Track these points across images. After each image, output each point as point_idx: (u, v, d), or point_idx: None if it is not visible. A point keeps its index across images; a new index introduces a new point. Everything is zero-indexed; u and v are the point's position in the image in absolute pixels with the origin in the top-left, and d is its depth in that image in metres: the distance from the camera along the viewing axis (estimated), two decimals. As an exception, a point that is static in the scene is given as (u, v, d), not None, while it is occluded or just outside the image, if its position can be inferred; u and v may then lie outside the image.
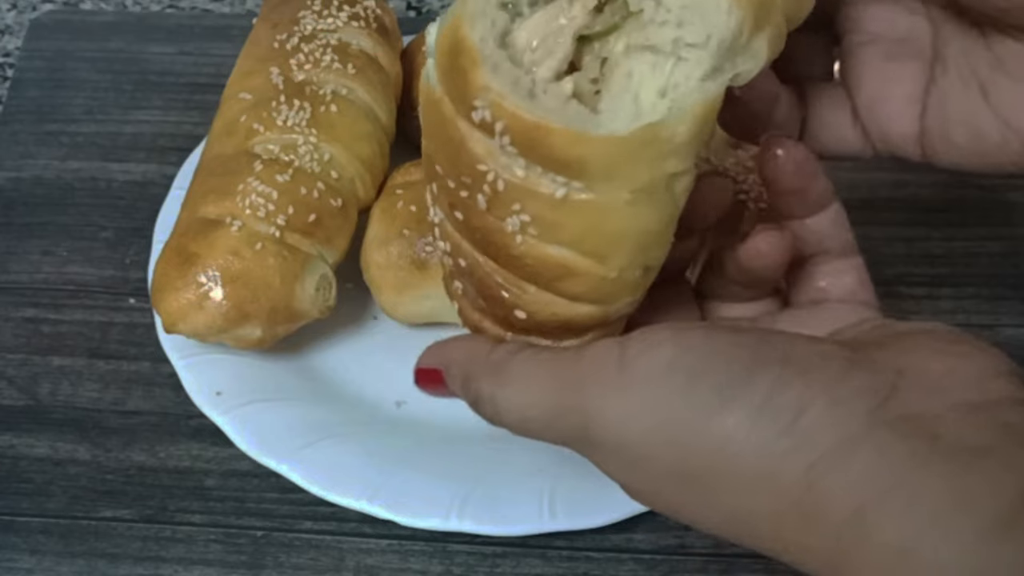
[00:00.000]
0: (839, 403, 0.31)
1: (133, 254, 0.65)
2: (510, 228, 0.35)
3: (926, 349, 0.34)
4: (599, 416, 0.33)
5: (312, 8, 0.62)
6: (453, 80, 0.34)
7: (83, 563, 0.53)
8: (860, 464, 0.30)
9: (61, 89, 0.73)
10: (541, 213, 0.34)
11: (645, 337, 0.34)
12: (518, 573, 0.53)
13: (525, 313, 0.37)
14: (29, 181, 0.69)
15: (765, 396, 0.31)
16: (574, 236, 0.34)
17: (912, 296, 0.64)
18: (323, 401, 0.57)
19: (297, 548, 0.54)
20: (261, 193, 0.55)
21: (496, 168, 0.34)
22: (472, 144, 0.34)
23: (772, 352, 0.32)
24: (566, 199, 0.33)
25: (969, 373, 0.32)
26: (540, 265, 0.35)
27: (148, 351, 0.60)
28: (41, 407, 0.59)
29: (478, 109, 0.33)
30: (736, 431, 0.31)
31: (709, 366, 0.32)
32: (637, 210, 0.34)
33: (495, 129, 0.33)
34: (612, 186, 0.33)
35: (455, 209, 0.37)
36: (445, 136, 0.35)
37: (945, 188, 0.68)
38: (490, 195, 0.35)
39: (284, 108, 0.57)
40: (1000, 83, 0.41)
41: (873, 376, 0.32)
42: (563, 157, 0.33)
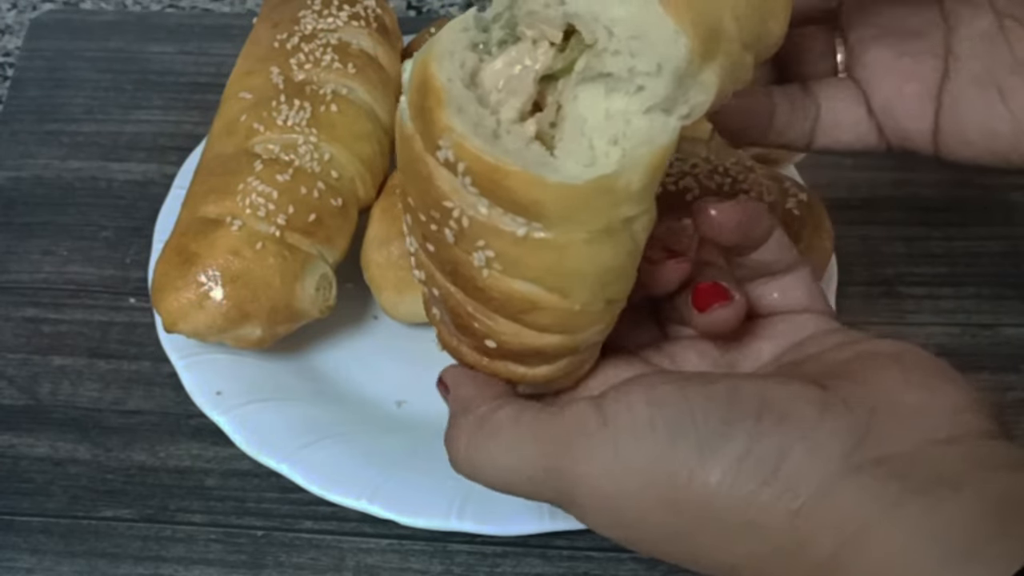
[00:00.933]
0: (816, 449, 0.32)
1: (133, 254, 0.65)
2: (476, 263, 0.36)
3: (897, 382, 0.34)
4: (585, 477, 0.34)
5: (312, 8, 0.62)
6: (422, 118, 0.35)
7: (83, 563, 0.53)
8: (837, 507, 0.31)
9: (61, 88, 0.73)
10: (504, 250, 0.35)
11: (619, 397, 0.35)
12: (518, 573, 0.53)
13: (496, 343, 0.38)
14: (29, 181, 0.69)
15: (744, 448, 0.32)
16: (536, 272, 0.35)
17: (912, 296, 0.64)
18: (323, 401, 0.57)
19: (297, 548, 0.54)
20: (261, 193, 0.55)
21: (461, 205, 0.35)
22: (439, 181, 0.35)
23: (746, 403, 0.33)
24: (526, 238, 0.34)
25: (940, 407, 0.33)
26: (506, 298, 0.36)
27: (148, 351, 0.60)
28: (41, 407, 0.59)
29: (442, 148, 0.34)
30: (720, 486, 0.32)
31: (687, 421, 0.33)
32: (595, 249, 0.35)
33: (458, 169, 0.34)
34: (569, 228, 0.34)
35: (427, 241, 0.38)
36: (415, 171, 0.36)
37: (946, 187, 0.68)
38: (456, 230, 0.36)
39: (284, 108, 0.57)
40: (1016, 83, 0.41)
41: (847, 418, 0.33)
42: (521, 200, 0.34)
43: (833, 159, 0.69)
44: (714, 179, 0.56)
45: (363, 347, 0.60)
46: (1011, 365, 0.61)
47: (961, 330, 0.62)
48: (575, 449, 0.34)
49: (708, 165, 0.57)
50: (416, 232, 0.38)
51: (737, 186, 0.56)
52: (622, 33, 0.34)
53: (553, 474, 0.35)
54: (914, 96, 0.43)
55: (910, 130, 0.44)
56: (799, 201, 0.57)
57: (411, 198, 0.37)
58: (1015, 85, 0.41)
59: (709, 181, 0.56)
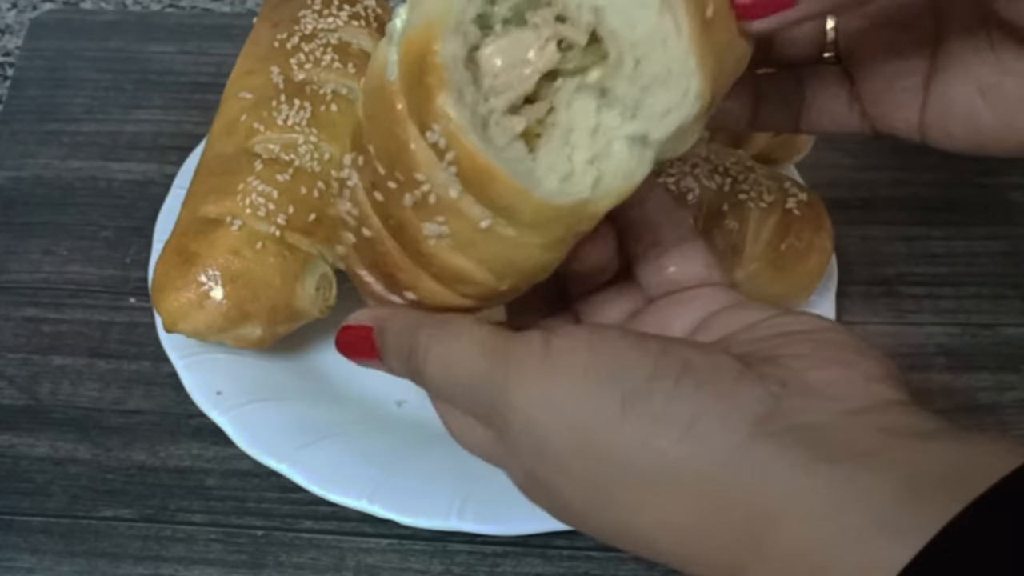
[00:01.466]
0: (728, 414, 0.33)
1: (133, 253, 0.65)
2: (427, 232, 0.36)
3: (810, 358, 0.35)
4: (518, 400, 0.35)
5: (312, 7, 0.62)
6: (416, 91, 0.35)
7: (83, 562, 0.53)
8: (748, 473, 0.32)
9: (61, 88, 0.73)
10: (462, 231, 0.36)
11: (567, 334, 0.36)
12: (519, 572, 0.53)
13: (415, 295, 0.39)
14: (29, 180, 0.69)
15: (662, 406, 0.33)
16: (484, 256, 0.36)
17: (912, 295, 0.64)
18: (323, 401, 0.57)
19: (298, 547, 0.54)
20: (262, 192, 0.55)
21: (432, 182, 0.35)
22: (418, 154, 0.35)
23: (671, 363, 0.34)
24: (489, 229, 0.35)
25: (851, 380, 0.34)
26: (444, 267, 0.37)
27: (148, 350, 0.60)
28: (41, 406, 0.59)
29: (435, 132, 0.34)
30: (634, 438, 0.33)
31: (616, 374, 0.34)
32: (544, 252, 0.37)
33: (445, 156, 0.34)
34: (532, 233, 0.35)
35: (376, 189, 0.38)
36: (389, 129, 0.36)
37: (946, 187, 0.68)
38: (418, 199, 0.36)
39: (284, 107, 0.57)
40: (1000, 83, 0.41)
41: (760, 388, 0.33)
42: (499, 201, 0.34)
43: (834, 159, 0.69)
44: (714, 179, 0.56)
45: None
46: (1011, 365, 0.61)
47: (961, 330, 0.62)
48: (514, 371, 0.35)
49: (708, 165, 0.57)
50: (364, 175, 0.38)
51: (737, 186, 0.56)
52: (648, 69, 0.34)
53: (491, 387, 0.36)
54: (903, 91, 0.43)
55: (897, 121, 0.44)
56: (799, 201, 0.57)
57: (372, 145, 0.37)
58: (997, 84, 0.41)
59: (709, 181, 0.56)
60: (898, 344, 0.61)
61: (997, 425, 0.58)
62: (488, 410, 0.36)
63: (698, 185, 0.56)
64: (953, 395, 0.59)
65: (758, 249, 0.56)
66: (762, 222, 0.56)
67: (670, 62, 0.34)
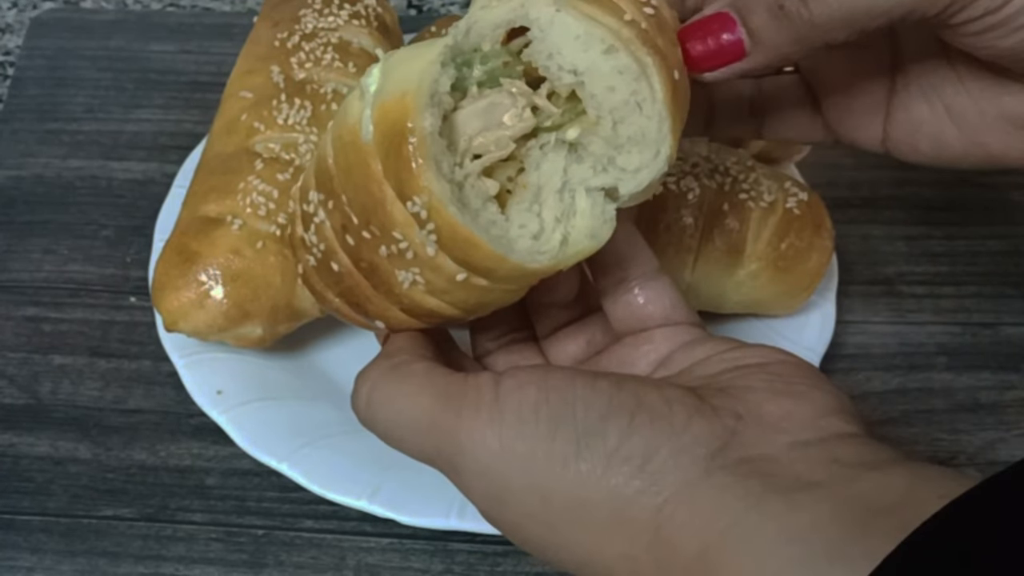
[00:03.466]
0: (683, 449, 0.33)
1: (134, 252, 0.65)
2: (400, 278, 0.38)
3: (764, 391, 0.35)
4: (468, 445, 0.35)
5: (313, 7, 0.62)
6: (393, 161, 0.35)
7: (84, 562, 0.53)
8: (701, 506, 0.32)
9: (62, 87, 0.73)
10: (435, 282, 0.37)
11: (516, 376, 0.36)
12: (519, 572, 0.53)
13: (383, 322, 0.40)
14: (30, 180, 0.69)
15: (616, 443, 0.34)
16: (456, 300, 0.38)
17: (913, 295, 0.64)
18: (323, 400, 0.57)
19: (298, 547, 0.54)
20: (262, 192, 0.55)
21: (410, 242, 0.36)
22: (394, 215, 0.36)
23: (625, 400, 0.34)
24: (464, 281, 0.37)
25: (804, 413, 0.35)
26: (415, 305, 0.39)
27: (149, 350, 0.60)
28: (42, 406, 0.59)
29: (416, 204, 0.35)
30: (590, 476, 0.34)
31: (568, 413, 0.34)
32: (512, 294, 0.39)
33: (426, 225, 0.35)
34: (505, 284, 0.37)
35: (348, 233, 0.38)
36: (364, 186, 0.37)
37: (947, 187, 0.68)
38: (394, 253, 0.37)
39: (285, 107, 0.57)
40: (963, 103, 0.42)
41: (714, 422, 0.34)
42: (477, 264, 0.36)
43: (834, 159, 0.69)
44: (715, 179, 0.56)
45: (363, 346, 0.60)
46: (1012, 364, 0.61)
47: (962, 329, 0.62)
48: (465, 415, 0.35)
49: (709, 164, 0.57)
50: (334, 217, 0.39)
51: (737, 186, 0.56)
52: (625, 131, 0.36)
53: (439, 433, 0.36)
54: (865, 107, 0.44)
55: (860, 135, 0.45)
56: (800, 200, 0.57)
57: (344, 195, 0.38)
58: (961, 104, 0.42)
59: (710, 181, 0.56)
60: (899, 343, 0.61)
61: (998, 424, 0.58)
62: (436, 455, 0.36)
63: (698, 185, 0.56)
64: (954, 394, 0.59)
65: (759, 248, 0.56)
66: (763, 222, 0.56)
67: (645, 126, 0.36)
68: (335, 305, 0.41)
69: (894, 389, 0.59)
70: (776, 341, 0.57)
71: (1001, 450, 0.57)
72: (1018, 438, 0.58)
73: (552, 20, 0.36)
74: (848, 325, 0.61)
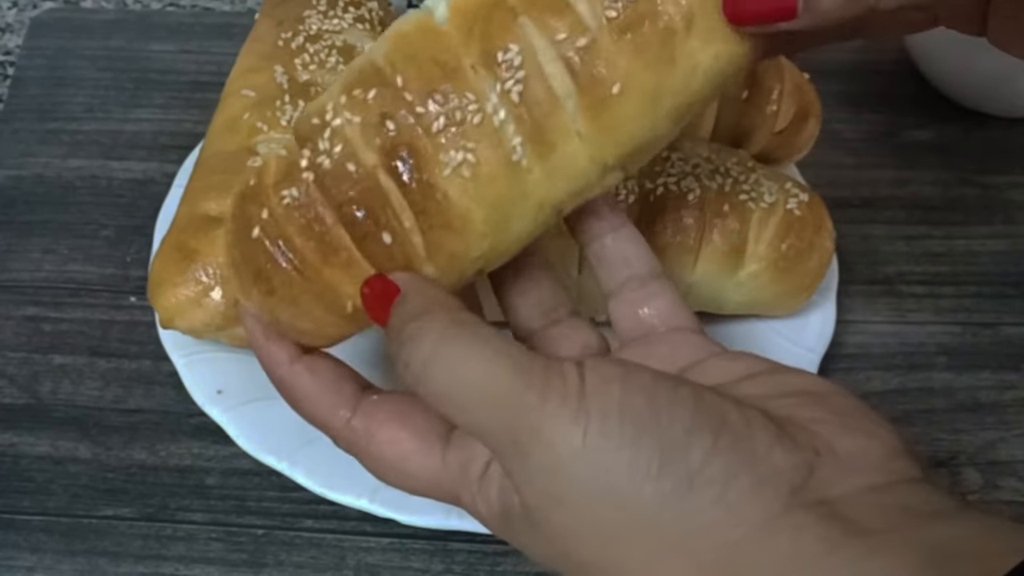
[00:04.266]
0: (765, 481, 0.32)
1: (134, 252, 0.65)
2: (445, 159, 0.38)
3: (835, 425, 0.34)
4: (547, 430, 0.33)
5: (318, 8, 0.62)
6: (482, 26, 0.38)
7: (84, 561, 0.53)
8: (779, 547, 0.31)
9: (62, 87, 0.73)
10: (488, 161, 0.38)
11: (600, 369, 0.34)
12: (519, 572, 0.53)
13: (363, 273, 0.39)
14: (30, 179, 0.69)
15: (700, 463, 0.32)
16: (491, 199, 0.38)
17: (913, 295, 0.64)
18: (324, 400, 0.57)
19: (298, 546, 0.54)
20: (262, 191, 0.55)
21: (481, 103, 0.38)
22: (470, 78, 0.38)
23: (708, 415, 0.33)
24: (516, 164, 0.38)
25: (876, 454, 0.34)
26: (442, 206, 0.38)
27: (149, 349, 0.60)
28: (42, 405, 0.59)
29: (511, 50, 0.38)
30: (671, 494, 0.32)
31: (653, 420, 0.32)
32: (536, 218, 0.40)
33: (516, 73, 0.38)
34: (547, 183, 0.39)
35: (389, 119, 0.38)
36: (434, 59, 0.38)
37: (947, 186, 0.68)
38: (454, 121, 0.38)
39: (288, 108, 0.57)
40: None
41: (795, 455, 0.33)
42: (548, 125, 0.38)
43: (834, 159, 0.69)
44: (715, 179, 0.56)
45: (363, 346, 0.60)
46: (1012, 364, 0.61)
47: (962, 329, 0.62)
48: (551, 401, 0.33)
49: (710, 165, 0.57)
50: (370, 109, 0.39)
51: (738, 186, 0.56)
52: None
53: (516, 411, 0.33)
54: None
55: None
56: (800, 201, 0.57)
57: (401, 78, 0.38)
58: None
59: (710, 181, 0.56)
60: (899, 343, 0.61)
61: (998, 424, 0.58)
62: (506, 434, 0.34)
63: (699, 185, 0.56)
64: (954, 394, 0.59)
65: (760, 249, 0.56)
66: (763, 222, 0.56)
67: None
68: (302, 247, 0.39)
69: (894, 389, 0.60)
70: (776, 341, 0.58)
71: (1001, 450, 0.57)
72: (1018, 438, 0.58)
73: None
74: (848, 325, 0.61)
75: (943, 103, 0.72)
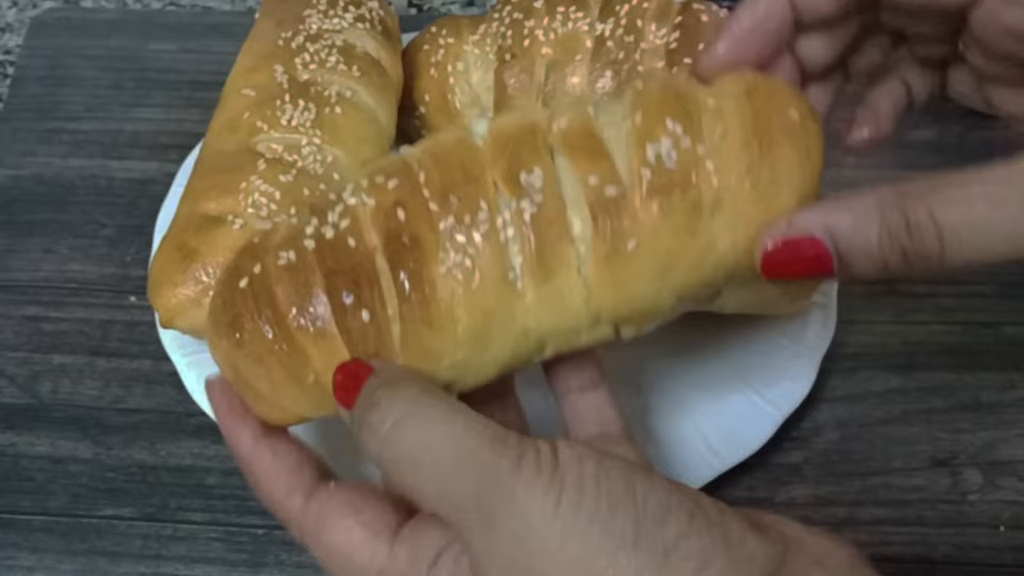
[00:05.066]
0: (738, 565, 0.32)
1: (134, 252, 0.65)
2: (443, 257, 0.38)
3: (801, 528, 0.35)
4: (522, 499, 0.32)
5: (318, 7, 0.62)
6: (514, 147, 0.40)
7: (84, 561, 0.53)
8: None
9: (62, 87, 0.73)
10: (486, 270, 0.39)
11: (574, 446, 0.34)
12: (519, 571, 0.53)
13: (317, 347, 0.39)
14: (30, 179, 0.69)
15: (675, 538, 0.32)
16: (475, 307, 0.39)
17: (913, 294, 0.64)
18: (324, 399, 0.57)
19: (298, 546, 0.54)
20: (264, 192, 0.55)
21: (491, 212, 0.39)
22: (489, 189, 0.39)
23: (684, 498, 0.33)
24: (510, 284, 0.39)
25: (841, 556, 0.34)
26: (427, 299, 0.38)
27: (149, 349, 0.60)
28: (42, 405, 0.59)
29: (534, 172, 0.39)
30: (645, 565, 0.31)
31: (629, 494, 0.32)
32: (498, 360, 0.40)
33: (535, 196, 0.39)
34: (537, 308, 0.40)
35: (401, 207, 0.39)
36: (461, 166, 0.39)
37: (947, 186, 0.68)
38: (463, 224, 0.38)
39: (289, 107, 0.57)
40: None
41: (766, 543, 0.33)
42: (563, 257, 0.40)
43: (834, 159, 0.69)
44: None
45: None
46: (1012, 364, 0.61)
47: (963, 328, 0.62)
48: (525, 469, 0.33)
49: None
50: (386, 194, 0.40)
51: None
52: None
53: (488, 479, 0.33)
54: None
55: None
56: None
57: (424, 174, 0.40)
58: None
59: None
60: (899, 343, 0.61)
61: (999, 424, 0.58)
62: (468, 500, 0.33)
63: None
64: (955, 394, 0.59)
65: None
66: (764, 221, 0.56)
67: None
68: (282, 301, 0.40)
69: (895, 388, 0.59)
70: (777, 341, 0.57)
71: (1002, 450, 0.57)
72: (1019, 437, 0.58)
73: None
74: (849, 325, 0.61)
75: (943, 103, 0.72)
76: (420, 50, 0.65)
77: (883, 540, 0.54)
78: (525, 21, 0.62)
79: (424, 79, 0.64)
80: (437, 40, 0.64)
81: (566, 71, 0.61)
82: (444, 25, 0.65)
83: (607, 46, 0.61)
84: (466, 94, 0.63)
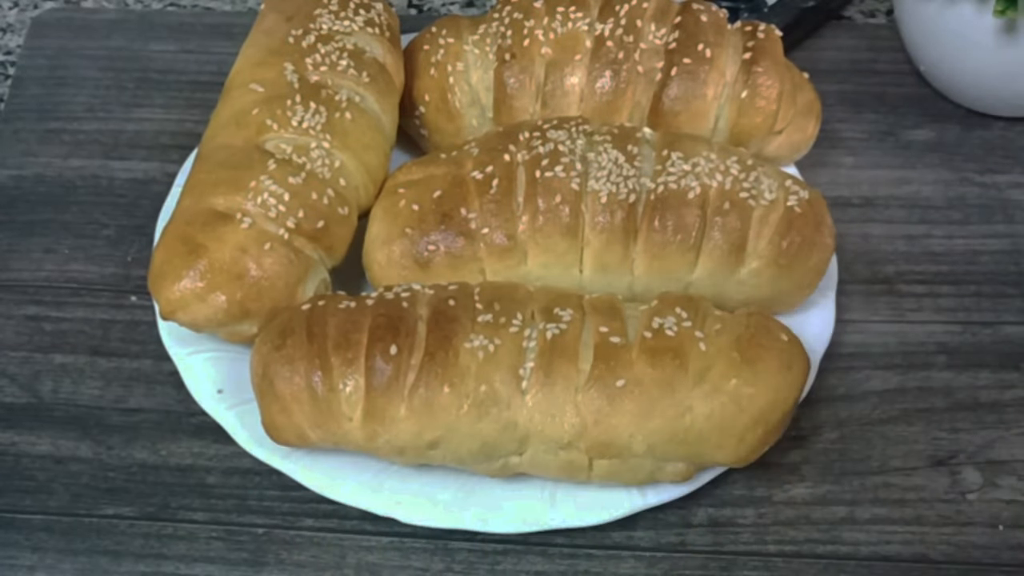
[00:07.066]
0: None
1: (135, 252, 0.65)
2: (473, 338, 0.51)
3: None
4: None
5: (329, 8, 0.62)
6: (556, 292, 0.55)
7: (85, 560, 0.53)
8: None
9: (63, 87, 0.73)
10: (503, 358, 0.50)
11: None
12: (519, 570, 0.53)
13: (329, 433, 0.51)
14: (31, 179, 0.69)
15: None
16: (486, 384, 0.50)
17: (913, 294, 0.64)
18: (324, 399, 0.57)
19: (298, 545, 0.54)
20: (273, 192, 0.54)
21: (524, 322, 0.51)
22: (527, 310, 0.52)
23: None
24: (520, 380, 0.50)
25: None
26: (448, 360, 0.50)
27: (150, 349, 0.60)
28: (43, 405, 0.59)
29: (567, 311, 0.53)
30: None
31: None
32: (509, 445, 0.51)
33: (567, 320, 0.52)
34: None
35: (452, 300, 0.52)
36: (511, 295, 0.53)
37: (947, 186, 0.68)
38: (497, 324, 0.51)
39: (300, 109, 0.57)
40: None
41: None
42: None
43: (834, 158, 0.69)
44: (716, 177, 0.56)
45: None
46: (1012, 363, 0.61)
47: (962, 328, 0.62)
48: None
49: (710, 164, 0.57)
50: (447, 292, 0.53)
51: (738, 184, 0.56)
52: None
53: None
54: None
55: None
56: (801, 198, 0.57)
57: (479, 291, 0.54)
58: None
59: (711, 179, 0.56)
60: (898, 342, 0.61)
61: (998, 423, 0.58)
62: None
63: (699, 184, 0.56)
64: (954, 393, 0.59)
65: (760, 246, 0.56)
66: (764, 220, 0.56)
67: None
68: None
69: (894, 388, 0.60)
70: (776, 340, 0.58)
71: (1001, 449, 0.57)
72: (1018, 437, 0.58)
73: None
74: (848, 324, 0.61)
75: (943, 103, 0.72)
76: (420, 50, 0.65)
77: (882, 539, 0.54)
78: (525, 21, 0.62)
79: (424, 79, 0.64)
80: (437, 40, 0.64)
81: (566, 71, 0.62)
82: (444, 25, 0.65)
83: (606, 46, 0.61)
84: (466, 94, 0.63)
